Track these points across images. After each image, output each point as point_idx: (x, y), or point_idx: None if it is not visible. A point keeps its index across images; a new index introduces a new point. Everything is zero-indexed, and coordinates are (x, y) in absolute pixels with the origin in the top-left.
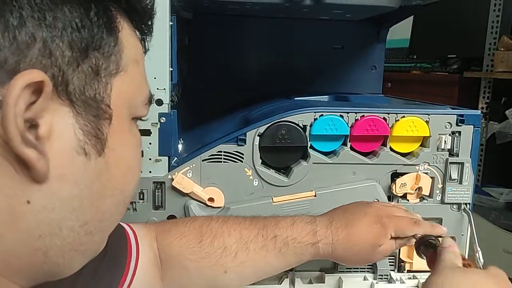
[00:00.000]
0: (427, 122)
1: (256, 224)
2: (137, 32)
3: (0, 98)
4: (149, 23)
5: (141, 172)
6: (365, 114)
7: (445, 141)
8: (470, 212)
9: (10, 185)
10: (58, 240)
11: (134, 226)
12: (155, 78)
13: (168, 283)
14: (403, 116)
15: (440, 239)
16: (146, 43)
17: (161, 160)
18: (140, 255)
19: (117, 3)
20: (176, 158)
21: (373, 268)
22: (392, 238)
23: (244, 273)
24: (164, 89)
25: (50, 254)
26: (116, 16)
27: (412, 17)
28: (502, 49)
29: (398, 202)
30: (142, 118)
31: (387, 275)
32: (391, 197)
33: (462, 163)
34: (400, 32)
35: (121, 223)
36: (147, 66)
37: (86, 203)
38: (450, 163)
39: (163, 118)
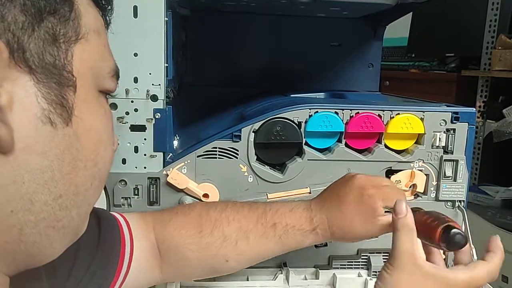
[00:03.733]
0: (422, 119)
1: (255, 211)
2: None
3: None
4: None
5: (115, 146)
6: (360, 111)
7: (439, 138)
8: (464, 210)
9: None
10: (31, 215)
11: (128, 217)
12: (150, 73)
13: (168, 272)
14: (398, 113)
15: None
16: (107, 18)
17: (156, 156)
18: (134, 248)
19: None
20: (171, 154)
21: (367, 265)
22: (386, 211)
23: (244, 260)
24: (159, 84)
25: (26, 231)
26: None
27: (410, 15)
28: (499, 47)
29: None
30: (111, 94)
31: None
32: None
33: (457, 161)
34: (399, 30)
35: (114, 213)
36: (142, 61)
37: (57, 175)
38: (445, 160)
39: (158, 114)
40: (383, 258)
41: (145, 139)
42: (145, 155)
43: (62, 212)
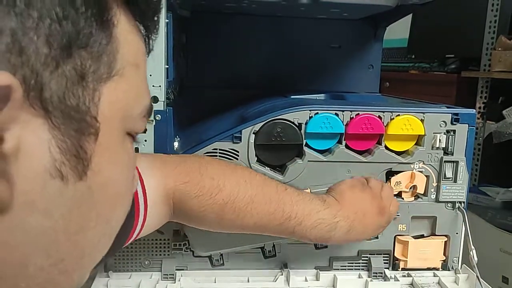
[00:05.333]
0: (422, 120)
1: (279, 214)
2: (141, 29)
3: None
4: (155, 18)
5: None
6: (360, 113)
7: (440, 139)
8: (464, 211)
9: None
10: (23, 281)
11: (145, 176)
12: (150, 75)
13: (174, 220)
14: (398, 115)
15: None
16: (151, 41)
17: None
18: (147, 214)
19: None
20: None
21: (367, 266)
22: None
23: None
24: (160, 86)
25: None
26: (111, 6)
27: (410, 17)
28: (499, 49)
29: None
30: (138, 133)
31: (382, 273)
32: None
33: (457, 162)
34: (399, 32)
35: None
36: None
37: (61, 238)
38: (445, 161)
39: (159, 115)
40: (384, 260)
41: (145, 140)
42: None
43: (62, 276)
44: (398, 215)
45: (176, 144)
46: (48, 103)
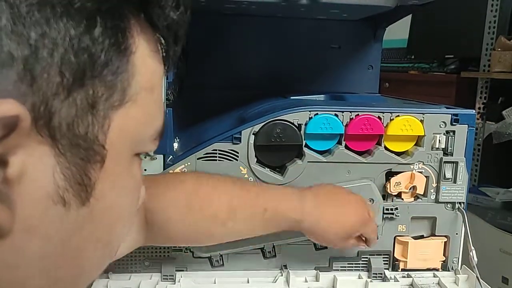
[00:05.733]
0: (421, 121)
1: (248, 193)
2: (158, 47)
3: None
4: (178, 34)
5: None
6: (360, 113)
7: (439, 140)
8: (464, 211)
9: None
10: None
11: None
12: None
13: (150, 238)
14: (398, 115)
15: None
16: (170, 58)
17: (156, 158)
18: None
19: (135, 17)
20: (171, 156)
21: (367, 267)
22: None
23: (228, 238)
24: None
25: None
26: (131, 33)
27: (410, 17)
28: (499, 49)
29: (392, 201)
30: (149, 153)
31: (381, 274)
32: (385, 196)
33: (456, 162)
34: (398, 32)
35: None
36: None
37: (59, 261)
38: (445, 162)
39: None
40: (384, 260)
41: None
42: (145, 157)
43: None
44: (398, 216)
45: (175, 145)
46: (56, 131)
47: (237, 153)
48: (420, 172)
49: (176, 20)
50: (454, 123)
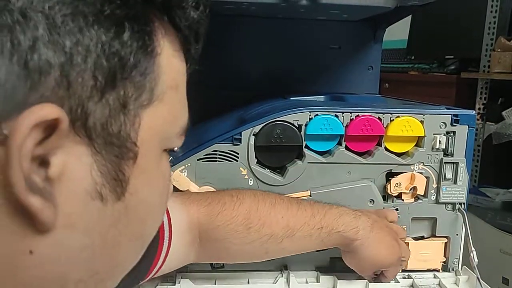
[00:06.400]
0: (421, 122)
1: (304, 212)
2: (180, 47)
3: (5, 132)
4: (199, 32)
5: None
6: (360, 114)
7: (439, 141)
8: (464, 212)
9: (10, 232)
10: None
11: (171, 208)
12: None
13: (203, 257)
14: (398, 116)
15: None
16: (192, 56)
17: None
18: (172, 242)
19: (159, 20)
20: (171, 158)
21: None
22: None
23: (283, 254)
24: None
25: None
26: (156, 36)
27: (410, 18)
28: (499, 50)
29: (393, 201)
30: (175, 149)
31: None
32: (386, 196)
33: (457, 163)
34: (398, 33)
35: None
36: None
37: (97, 253)
38: (445, 163)
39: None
40: None
41: None
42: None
43: (97, 285)
44: (398, 217)
45: None
46: (92, 131)
47: (237, 154)
48: (421, 173)
49: (197, 19)
50: (454, 124)
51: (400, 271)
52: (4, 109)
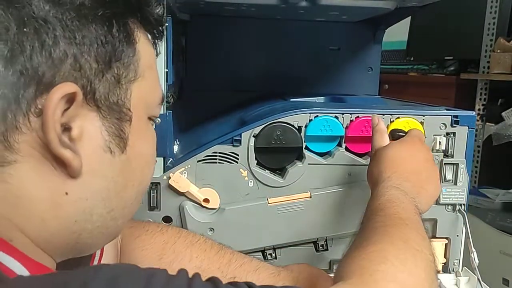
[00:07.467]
0: (421, 123)
1: (221, 258)
2: (150, 38)
3: (40, 107)
4: (160, 29)
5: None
6: (360, 115)
7: (439, 142)
8: (465, 213)
9: (51, 180)
10: (89, 224)
11: None
12: None
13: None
14: (398, 117)
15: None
16: (158, 46)
17: (156, 160)
18: (103, 255)
19: (134, 17)
20: (171, 159)
21: None
22: None
23: None
24: None
25: (83, 236)
26: (134, 29)
27: (409, 19)
28: (498, 50)
29: None
30: (156, 117)
31: None
32: None
33: (457, 164)
34: (398, 34)
35: None
36: None
37: (112, 194)
38: (445, 164)
39: (158, 119)
40: None
41: None
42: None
43: (112, 221)
44: None
45: (176, 147)
46: (99, 102)
47: (237, 155)
48: None
49: (159, 14)
50: (454, 125)
51: None
52: (38, 90)
